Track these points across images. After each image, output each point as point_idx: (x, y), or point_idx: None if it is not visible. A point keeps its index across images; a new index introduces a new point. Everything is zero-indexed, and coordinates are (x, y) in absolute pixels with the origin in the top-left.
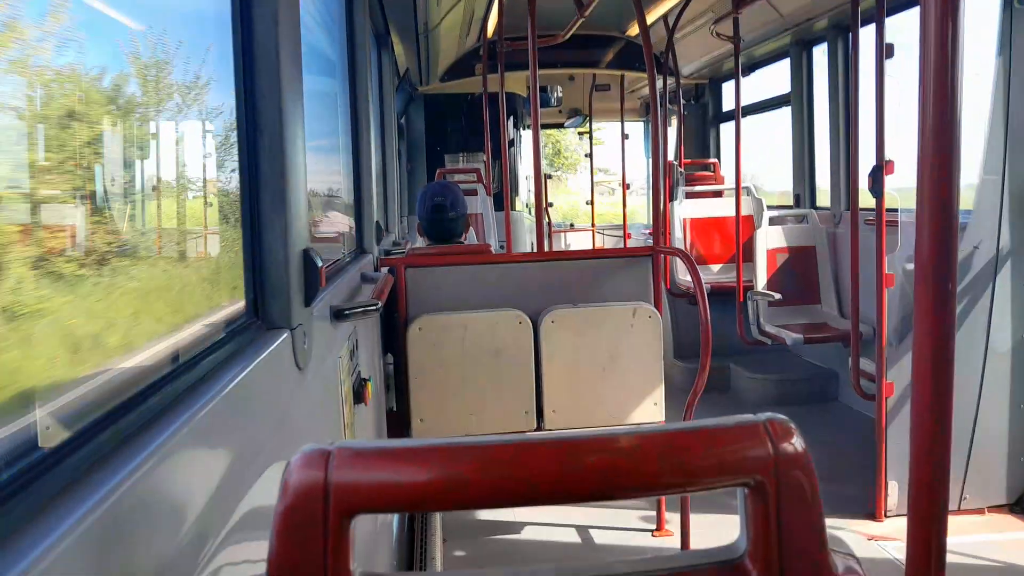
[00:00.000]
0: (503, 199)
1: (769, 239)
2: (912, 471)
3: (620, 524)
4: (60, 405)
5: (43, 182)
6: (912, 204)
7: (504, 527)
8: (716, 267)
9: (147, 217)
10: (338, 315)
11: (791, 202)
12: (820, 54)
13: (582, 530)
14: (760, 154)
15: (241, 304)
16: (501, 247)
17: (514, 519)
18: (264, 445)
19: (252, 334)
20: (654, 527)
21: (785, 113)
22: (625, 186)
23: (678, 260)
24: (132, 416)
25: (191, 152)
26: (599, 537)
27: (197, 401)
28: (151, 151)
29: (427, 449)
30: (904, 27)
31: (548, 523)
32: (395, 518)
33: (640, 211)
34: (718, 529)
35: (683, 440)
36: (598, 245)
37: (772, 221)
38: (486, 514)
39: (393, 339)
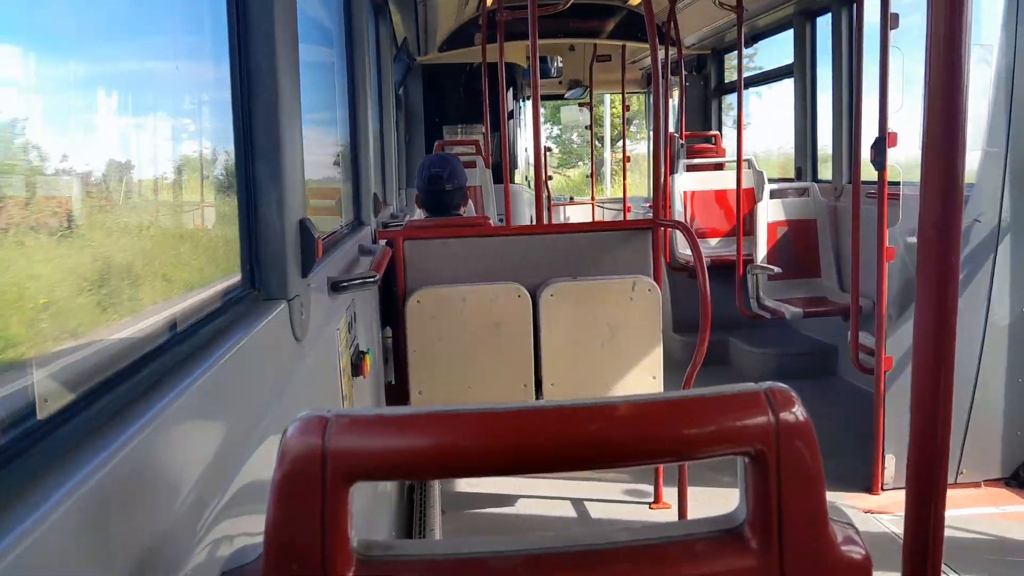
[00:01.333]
0: (502, 171)
1: (770, 212)
2: (911, 445)
3: (617, 497)
4: (58, 373)
5: (41, 155)
6: (915, 177)
7: (502, 500)
8: (716, 240)
9: (144, 189)
10: (336, 287)
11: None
12: (824, 24)
13: (579, 503)
14: (761, 133)
15: (238, 274)
16: (500, 220)
17: (512, 492)
18: (262, 415)
19: (249, 304)
20: (651, 500)
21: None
22: (626, 158)
23: (678, 233)
24: (130, 384)
25: (185, 123)
26: (596, 510)
27: (194, 370)
28: (145, 124)
29: (425, 416)
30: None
31: (545, 496)
32: (393, 490)
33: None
34: (715, 502)
35: (683, 408)
36: (598, 218)
37: (773, 194)
38: (483, 486)
39: (392, 312)
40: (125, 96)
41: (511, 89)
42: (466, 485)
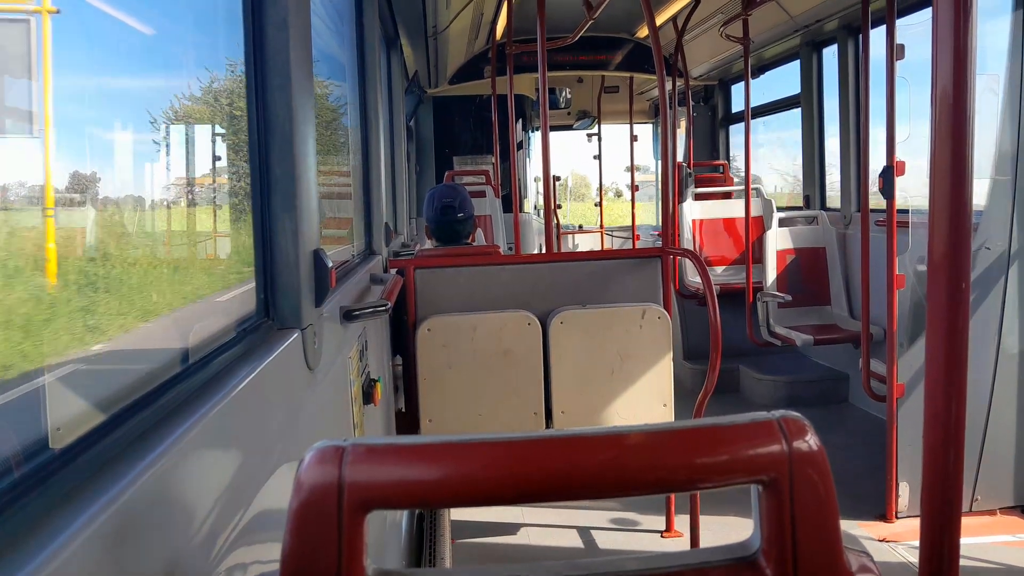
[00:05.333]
0: (511, 200)
1: (779, 240)
2: (925, 472)
3: (628, 525)
4: (71, 404)
5: (65, 184)
6: (923, 205)
7: (511, 528)
8: (725, 268)
9: (158, 221)
10: (348, 316)
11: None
12: (830, 55)
13: (590, 531)
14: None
15: (252, 304)
16: (510, 249)
17: (522, 520)
18: (275, 444)
19: (263, 334)
20: (663, 528)
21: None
22: (634, 187)
23: (687, 261)
24: (145, 415)
25: (202, 155)
26: (607, 538)
27: (209, 400)
28: (163, 155)
29: (441, 446)
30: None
31: (556, 524)
32: (404, 518)
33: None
34: (728, 530)
35: (697, 437)
36: (607, 247)
37: (782, 222)
38: (493, 515)
39: (402, 340)
40: (143, 131)
41: (520, 120)
42: (475, 513)
